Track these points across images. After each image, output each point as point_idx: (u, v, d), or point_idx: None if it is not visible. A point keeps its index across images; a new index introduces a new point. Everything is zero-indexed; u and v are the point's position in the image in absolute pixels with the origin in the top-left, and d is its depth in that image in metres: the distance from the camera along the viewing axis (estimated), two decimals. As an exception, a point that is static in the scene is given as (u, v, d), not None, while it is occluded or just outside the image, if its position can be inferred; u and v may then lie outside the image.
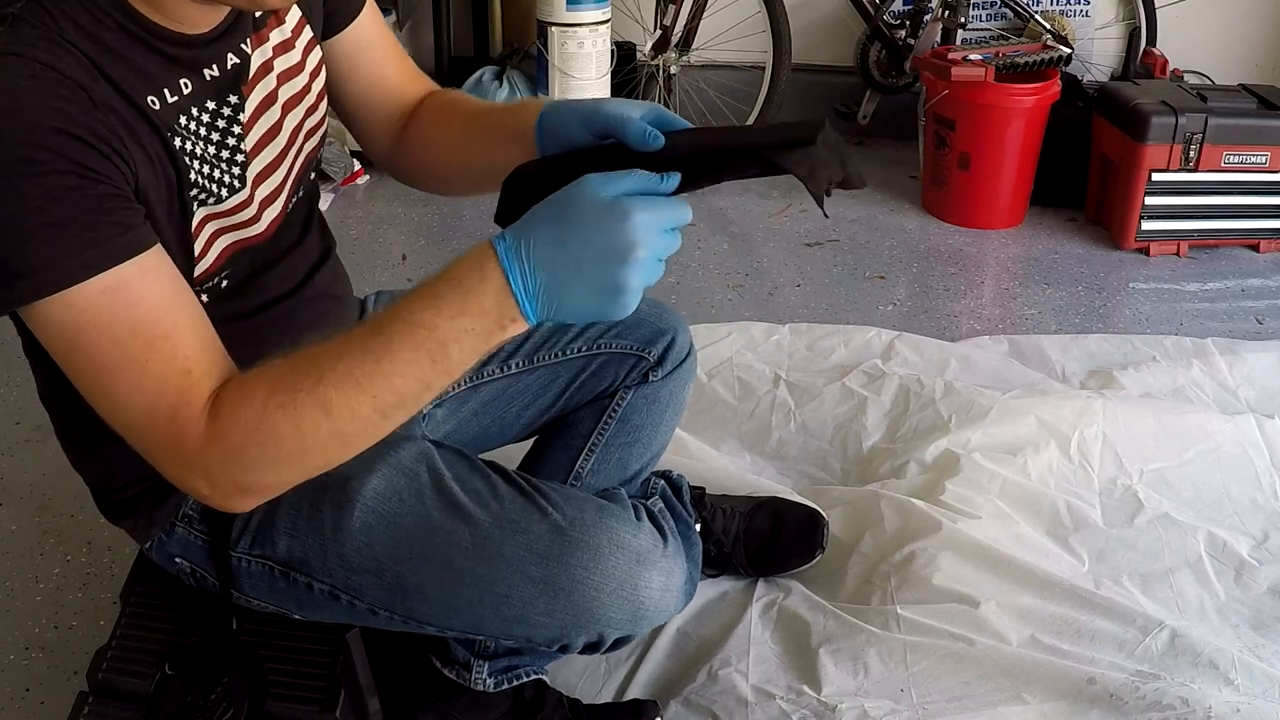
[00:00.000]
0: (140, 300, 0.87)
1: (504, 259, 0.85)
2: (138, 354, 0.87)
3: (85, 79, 0.86)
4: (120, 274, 0.86)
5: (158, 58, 0.93)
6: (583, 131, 1.00)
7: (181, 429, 0.89)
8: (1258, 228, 2.81)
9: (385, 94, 1.23)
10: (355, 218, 2.92)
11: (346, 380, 0.87)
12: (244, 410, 0.88)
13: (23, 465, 1.96)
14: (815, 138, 0.89)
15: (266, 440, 0.89)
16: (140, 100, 0.91)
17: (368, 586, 1.10)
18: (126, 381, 0.88)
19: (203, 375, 0.90)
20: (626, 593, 1.06)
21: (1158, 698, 1.42)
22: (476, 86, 3.14)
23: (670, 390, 1.41)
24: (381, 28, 1.22)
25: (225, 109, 1.01)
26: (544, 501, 1.09)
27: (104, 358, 0.87)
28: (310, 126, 1.13)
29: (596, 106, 0.99)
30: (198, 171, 0.97)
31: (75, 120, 0.84)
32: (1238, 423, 1.96)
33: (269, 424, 0.88)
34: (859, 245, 2.83)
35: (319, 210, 1.24)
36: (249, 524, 1.12)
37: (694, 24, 3.15)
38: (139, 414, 0.89)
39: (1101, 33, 3.31)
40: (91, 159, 0.85)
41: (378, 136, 1.25)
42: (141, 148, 0.90)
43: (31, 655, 1.59)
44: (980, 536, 1.66)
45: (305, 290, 1.18)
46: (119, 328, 0.87)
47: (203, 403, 0.89)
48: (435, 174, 1.23)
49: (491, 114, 1.17)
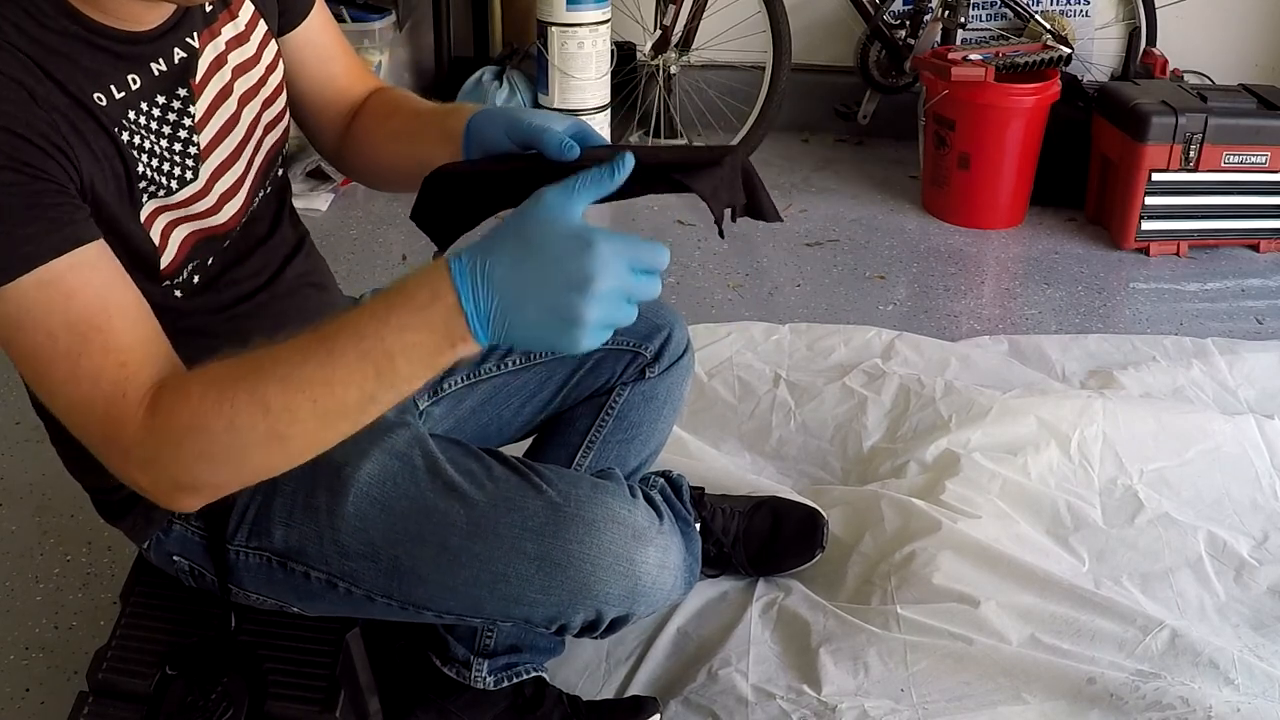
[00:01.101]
0: (75, 294, 0.88)
1: (457, 277, 0.83)
2: (71, 347, 0.88)
3: (27, 79, 0.87)
4: (54, 268, 0.87)
5: (103, 55, 0.94)
6: (505, 139, 1.02)
7: (117, 422, 0.89)
8: (1258, 228, 2.81)
9: (333, 91, 1.24)
10: (355, 218, 2.92)
11: (286, 382, 0.87)
12: (181, 406, 0.88)
13: (23, 465, 1.96)
14: (722, 160, 0.91)
15: (201, 436, 0.88)
16: (86, 97, 0.92)
17: (365, 572, 1.10)
18: (62, 374, 0.89)
19: (139, 368, 0.90)
20: (623, 567, 1.07)
21: (1158, 697, 1.42)
22: (476, 86, 3.14)
23: (668, 387, 1.41)
24: (330, 27, 1.23)
25: (175, 102, 1.02)
26: (538, 479, 1.10)
27: (40, 350, 0.88)
28: (270, 119, 1.14)
29: (521, 116, 1.01)
30: (146, 164, 0.98)
31: (14, 118, 0.85)
32: (1238, 423, 1.96)
33: (204, 420, 0.87)
34: (859, 245, 2.83)
35: (290, 203, 1.25)
36: (245, 516, 1.13)
37: (694, 24, 3.15)
38: (76, 406, 0.90)
39: (1101, 33, 3.31)
40: (30, 155, 0.86)
41: (325, 133, 1.26)
42: (86, 144, 0.91)
43: (31, 655, 1.59)
44: (980, 536, 1.66)
45: (280, 282, 1.19)
46: (53, 321, 0.87)
47: (140, 396, 0.89)
48: (375, 170, 1.24)
49: (429, 114, 1.18)
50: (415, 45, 3.40)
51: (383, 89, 1.27)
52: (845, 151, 3.42)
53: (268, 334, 0.95)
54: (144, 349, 0.91)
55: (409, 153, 1.16)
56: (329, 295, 1.28)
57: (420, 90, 3.42)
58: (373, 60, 3.14)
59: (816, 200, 3.09)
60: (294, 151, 2.85)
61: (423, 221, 1.04)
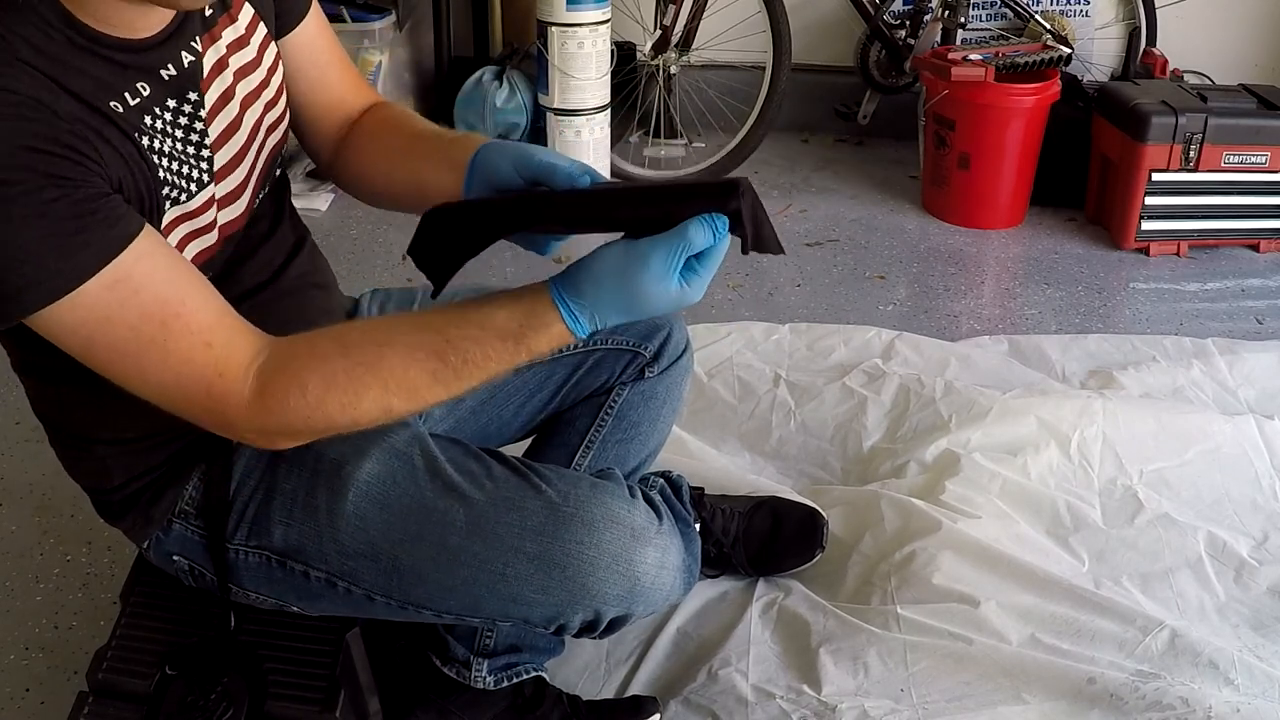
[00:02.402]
0: (144, 286, 0.92)
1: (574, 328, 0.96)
2: (154, 335, 0.92)
3: (45, 95, 0.89)
4: (118, 267, 0.90)
5: (109, 65, 0.95)
6: (513, 173, 1.04)
7: (220, 400, 0.96)
8: (1258, 228, 2.81)
9: (328, 98, 1.23)
10: (355, 218, 2.92)
11: (412, 395, 0.97)
12: (295, 400, 0.96)
13: (23, 465, 1.96)
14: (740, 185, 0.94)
15: (322, 424, 0.98)
16: (104, 106, 0.93)
17: (364, 571, 1.11)
18: (153, 363, 0.93)
19: (225, 345, 0.95)
20: (622, 567, 1.07)
21: (1158, 698, 1.42)
22: (476, 86, 3.14)
23: (667, 386, 1.42)
24: (326, 34, 1.23)
25: (186, 105, 1.02)
26: (538, 479, 1.10)
27: (124, 346, 0.92)
28: (271, 121, 1.14)
29: (531, 152, 1.04)
30: (166, 169, 0.99)
31: (42, 135, 0.87)
32: (1238, 423, 1.96)
33: (325, 415, 0.97)
34: (859, 245, 2.83)
35: (289, 202, 1.25)
36: (245, 515, 1.13)
37: (694, 24, 3.15)
38: (174, 391, 0.95)
39: (1101, 33, 3.31)
40: (65, 168, 0.88)
41: (319, 142, 1.26)
42: (113, 149, 0.93)
43: (31, 655, 1.59)
44: (980, 536, 1.66)
45: (282, 281, 1.19)
46: (130, 315, 0.91)
47: (240, 374, 0.95)
48: (368, 185, 1.24)
49: (433, 139, 1.18)
50: (415, 45, 3.40)
51: (383, 104, 1.27)
52: (845, 151, 3.42)
53: (272, 333, 0.99)
54: (224, 325, 0.96)
55: (407, 174, 1.17)
56: (331, 295, 1.29)
57: (420, 90, 3.42)
58: (373, 60, 3.14)
59: (816, 200, 3.09)
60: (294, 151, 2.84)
61: (420, 258, 1.04)
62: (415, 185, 1.14)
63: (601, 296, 0.94)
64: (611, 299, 0.94)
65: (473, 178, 1.08)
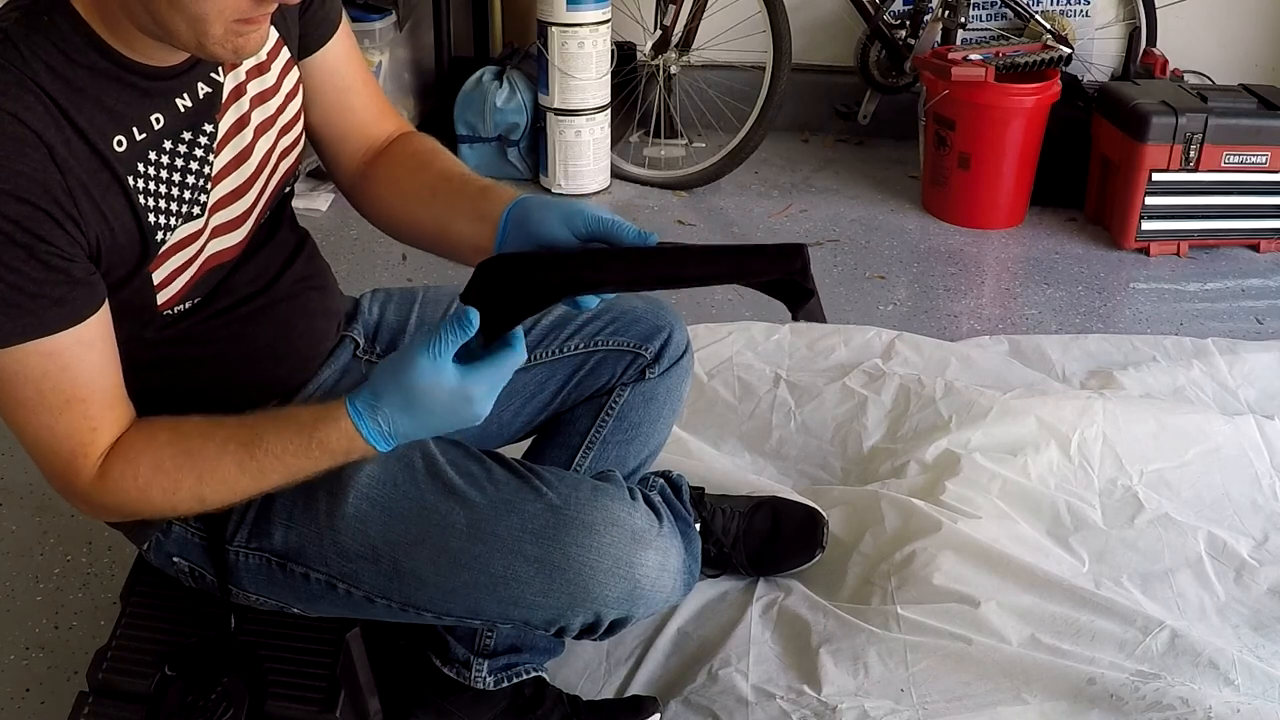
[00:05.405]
0: (70, 367, 0.96)
1: (363, 432, 0.99)
2: (55, 405, 0.97)
3: (49, 131, 0.89)
4: (58, 341, 0.94)
5: (129, 91, 0.96)
6: (562, 230, 1.03)
7: (75, 473, 1.00)
8: (1258, 228, 2.81)
9: (350, 123, 1.23)
10: (355, 218, 2.85)
11: (225, 486, 1.01)
12: (129, 483, 1.01)
13: (23, 465, 1.96)
14: (802, 250, 0.93)
15: (144, 507, 1.03)
16: (105, 145, 0.94)
17: (364, 574, 1.11)
18: (40, 422, 0.98)
19: (105, 432, 1.00)
20: (622, 570, 1.07)
21: (1158, 698, 1.42)
22: (476, 87, 3.14)
23: (667, 387, 1.41)
24: (353, 58, 1.22)
25: (201, 138, 1.03)
26: (538, 482, 1.10)
27: (28, 401, 0.97)
28: (285, 146, 1.14)
29: (581, 208, 1.03)
30: (155, 210, 0.99)
31: (31, 183, 0.89)
32: (1238, 423, 1.96)
33: (149, 500, 1.02)
34: (859, 245, 2.83)
35: (289, 208, 1.25)
36: (245, 517, 1.13)
37: (694, 24, 3.15)
38: (44, 449, 1.00)
39: (1101, 33, 3.31)
40: (45, 228, 0.90)
41: (340, 164, 1.26)
42: (96, 206, 0.94)
43: (31, 655, 1.59)
44: (980, 536, 1.66)
45: (278, 287, 1.19)
46: (45, 383, 0.96)
47: (98, 454, 1.00)
48: (390, 220, 1.24)
49: (459, 182, 1.17)
50: (415, 45, 3.40)
51: (410, 134, 1.26)
52: (845, 151, 3.42)
53: (269, 338, 1.00)
54: (112, 416, 1.01)
55: (432, 218, 1.17)
56: (329, 297, 1.28)
57: (420, 90, 3.42)
58: (373, 60, 3.14)
59: (816, 200, 3.09)
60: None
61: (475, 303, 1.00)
62: (440, 231, 1.15)
63: (381, 393, 0.97)
64: (390, 395, 0.97)
65: (507, 233, 1.07)
